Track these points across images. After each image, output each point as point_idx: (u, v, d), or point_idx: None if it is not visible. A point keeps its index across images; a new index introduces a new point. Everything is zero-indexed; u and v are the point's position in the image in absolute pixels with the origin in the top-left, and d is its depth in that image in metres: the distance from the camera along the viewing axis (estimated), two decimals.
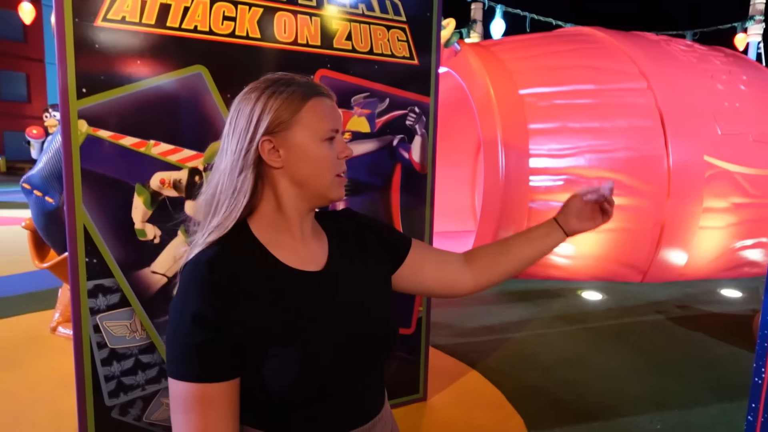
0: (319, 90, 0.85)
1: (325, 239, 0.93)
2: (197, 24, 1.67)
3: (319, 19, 1.85)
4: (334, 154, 0.84)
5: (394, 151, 2.09)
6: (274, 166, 0.82)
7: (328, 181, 0.84)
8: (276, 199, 0.85)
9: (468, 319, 3.84)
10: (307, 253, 0.88)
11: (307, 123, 0.82)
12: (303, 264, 0.86)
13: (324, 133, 0.83)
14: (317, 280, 0.86)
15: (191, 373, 0.76)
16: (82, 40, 1.52)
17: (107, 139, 1.59)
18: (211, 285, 0.77)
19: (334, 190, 0.85)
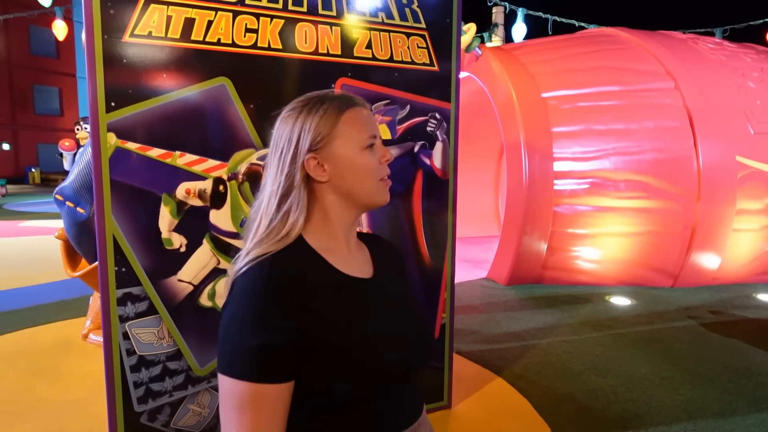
0: (352, 101, 0.89)
1: (367, 251, 0.97)
2: (220, 37, 1.70)
3: (339, 28, 1.87)
4: (375, 160, 0.88)
5: (416, 157, 2.09)
6: (321, 181, 0.87)
7: (374, 186, 0.88)
8: (324, 211, 0.89)
9: (492, 326, 3.80)
10: (355, 261, 0.92)
11: (346, 134, 0.86)
12: (354, 271, 0.90)
13: (364, 141, 0.87)
14: (369, 287, 0.91)
15: (249, 372, 0.78)
16: (111, 55, 1.57)
17: (135, 150, 1.63)
18: (275, 290, 0.81)
19: (380, 195, 0.90)
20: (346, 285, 0.88)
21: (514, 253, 4.90)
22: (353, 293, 0.88)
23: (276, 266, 0.83)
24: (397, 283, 0.98)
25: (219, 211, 1.78)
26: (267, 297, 0.80)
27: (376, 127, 0.90)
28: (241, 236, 1.80)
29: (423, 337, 0.94)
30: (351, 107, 0.88)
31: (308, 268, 0.86)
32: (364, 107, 0.90)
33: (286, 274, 0.83)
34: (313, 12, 1.83)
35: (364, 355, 0.84)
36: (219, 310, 1.80)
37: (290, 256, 0.86)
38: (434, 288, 2.23)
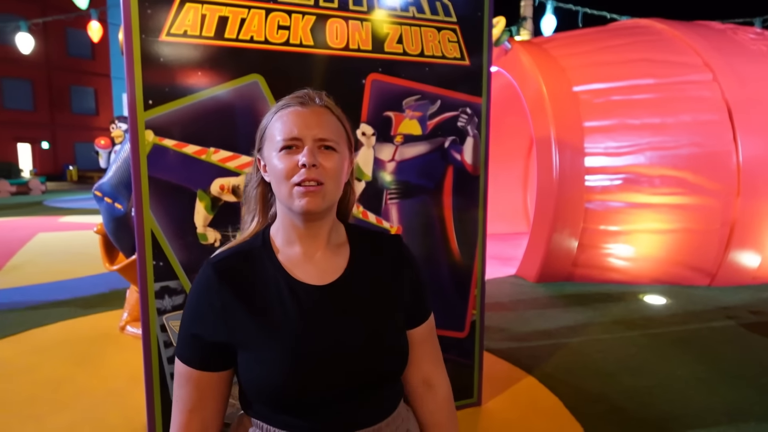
0: (289, 101, 0.88)
1: (346, 254, 0.92)
2: (253, 34, 1.72)
3: (370, 23, 1.87)
4: (289, 163, 0.83)
5: (446, 153, 2.08)
6: (268, 180, 0.89)
7: (287, 191, 0.83)
8: (279, 213, 0.90)
9: (522, 323, 3.76)
10: (313, 265, 0.89)
11: (270, 136, 0.86)
12: (309, 276, 0.88)
13: (279, 143, 0.84)
14: (317, 294, 0.87)
15: (184, 356, 0.86)
16: (148, 54, 1.61)
17: (171, 147, 1.67)
18: (211, 284, 0.84)
19: (294, 201, 0.83)
20: (292, 290, 0.86)
21: (544, 250, 4.83)
22: (293, 298, 0.85)
23: (217, 266, 0.85)
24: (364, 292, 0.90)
25: None
26: (199, 294, 0.85)
27: (308, 128, 0.84)
28: None
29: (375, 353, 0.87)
30: (285, 108, 0.87)
31: (256, 267, 0.87)
32: (302, 107, 0.86)
33: (226, 273, 0.85)
34: (344, 8, 1.83)
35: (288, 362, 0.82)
36: None
37: (246, 252, 0.88)
38: (464, 285, 2.22)
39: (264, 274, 0.86)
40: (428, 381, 0.99)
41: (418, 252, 2.08)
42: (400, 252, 0.97)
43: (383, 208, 2.00)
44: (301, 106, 0.86)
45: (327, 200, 0.85)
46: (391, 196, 2.01)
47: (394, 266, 0.95)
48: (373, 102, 1.92)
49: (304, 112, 0.86)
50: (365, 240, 0.96)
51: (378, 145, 1.96)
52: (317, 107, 0.87)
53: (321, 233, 0.90)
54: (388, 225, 2.01)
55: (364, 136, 1.92)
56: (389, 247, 0.97)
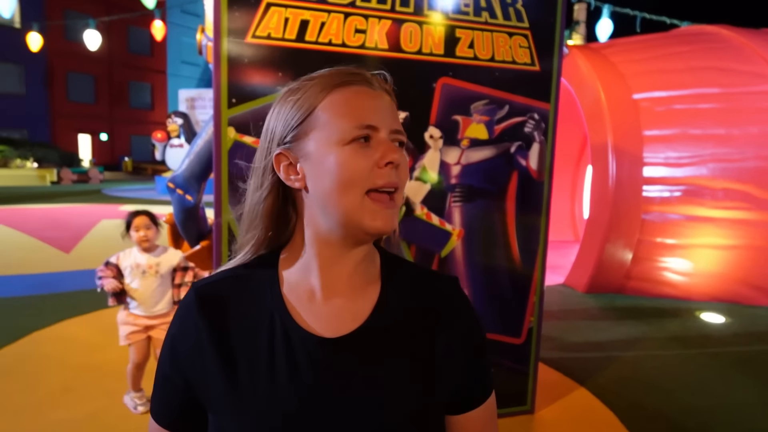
0: (345, 78, 0.63)
1: (374, 297, 0.66)
2: (332, 37, 1.78)
3: (443, 28, 1.90)
4: (366, 162, 0.59)
5: (512, 158, 2.08)
6: (294, 187, 0.63)
7: (354, 201, 0.59)
8: (302, 230, 0.65)
9: (573, 334, 3.69)
10: (328, 309, 0.65)
11: (324, 124, 0.60)
12: (319, 323, 0.64)
13: (348, 132, 0.59)
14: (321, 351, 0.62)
15: (154, 409, 0.67)
16: (234, 55, 1.69)
17: (251, 144, 1.75)
18: (189, 318, 0.64)
19: (366, 216, 0.59)
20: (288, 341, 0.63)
21: (596, 260, 4.72)
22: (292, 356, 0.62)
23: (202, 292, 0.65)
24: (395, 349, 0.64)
25: None
26: (181, 324, 0.65)
27: (382, 113, 0.61)
28: None
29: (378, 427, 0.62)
30: (341, 86, 0.62)
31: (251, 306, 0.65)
32: (367, 85, 0.63)
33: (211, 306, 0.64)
34: (419, 12, 1.87)
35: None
36: None
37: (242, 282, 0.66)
38: (523, 291, 2.21)
39: (261, 313, 0.64)
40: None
41: (479, 256, 2.09)
42: (454, 300, 0.69)
43: (447, 210, 2.02)
44: (369, 86, 0.63)
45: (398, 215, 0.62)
46: (455, 199, 2.03)
47: (442, 319, 0.67)
48: (442, 105, 1.94)
49: (375, 95, 0.62)
50: (405, 277, 0.69)
51: (444, 148, 1.98)
52: (385, 93, 0.64)
53: (353, 265, 0.65)
54: (450, 227, 2.03)
55: (432, 138, 1.95)
56: (439, 292, 0.69)
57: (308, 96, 0.62)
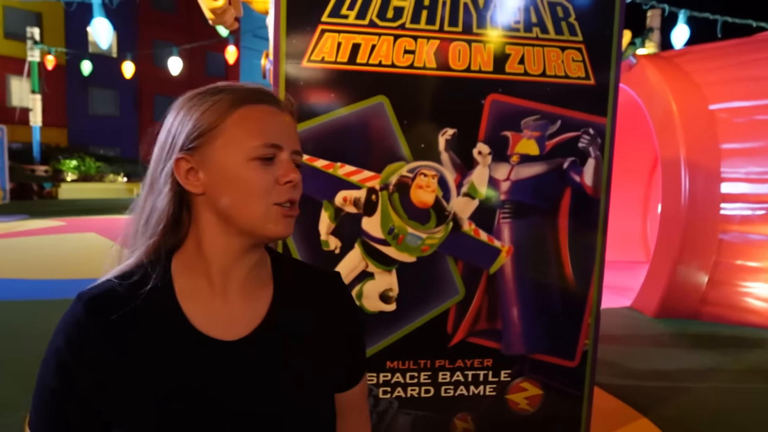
0: (257, 96, 0.67)
1: (268, 298, 0.71)
2: (381, 59, 1.85)
3: (492, 45, 1.91)
4: (269, 179, 0.65)
5: (565, 174, 2.04)
6: (194, 192, 0.66)
7: (260, 211, 0.64)
8: (198, 235, 0.67)
9: (638, 360, 3.49)
10: (227, 312, 0.68)
11: (231, 137, 0.65)
12: (216, 327, 0.67)
13: (255, 150, 0.64)
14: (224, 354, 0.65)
15: (37, 425, 0.63)
16: (291, 79, 1.80)
17: (304, 162, 1.84)
18: (81, 330, 0.63)
19: (270, 224, 0.65)
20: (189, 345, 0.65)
21: (666, 282, 4.44)
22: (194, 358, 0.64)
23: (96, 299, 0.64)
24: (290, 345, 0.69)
25: (370, 218, 1.92)
26: (70, 337, 0.62)
27: (286, 134, 0.68)
28: (389, 243, 1.92)
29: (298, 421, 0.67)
30: (252, 102, 0.66)
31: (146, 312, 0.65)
32: (274, 105, 0.68)
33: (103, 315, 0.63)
34: (468, 31, 1.90)
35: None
36: (365, 310, 1.94)
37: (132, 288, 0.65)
38: (577, 311, 2.14)
39: (156, 319, 0.65)
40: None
41: (530, 273, 2.06)
42: (338, 294, 0.78)
43: (495, 227, 2.01)
44: (276, 107, 0.68)
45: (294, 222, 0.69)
46: (504, 215, 2.02)
47: (328, 313, 0.75)
48: (491, 122, 1.95)
49: (280, 115, 0.68)
50: (294, 276, 0.76)
51: (493, 164, 1.98)
52: (290, 115, 0.71)
53: (247, 268, 0.70)
54: (499, 244, 2.02)
55: (480, 155, 1.96)
56: (324, 289, 0.77)
57: (218, 107, 0.65)
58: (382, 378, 2.00)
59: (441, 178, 1.93)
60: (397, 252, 1.94)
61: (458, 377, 2.03)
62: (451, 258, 1.98)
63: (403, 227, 1.93)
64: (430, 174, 1.92)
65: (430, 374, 2.02)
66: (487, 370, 2.04)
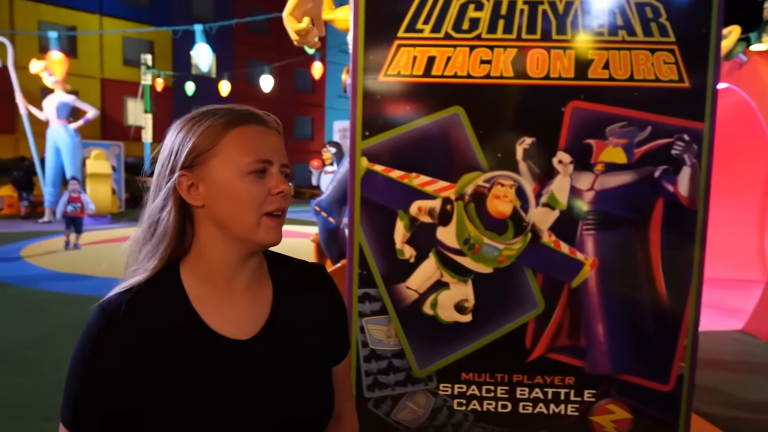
0: (249, 117, 0.76)
1: (269, 297, 0.80)
2: (457, 70, 1.86)
3: (573, 51, 1.85)
4: (262, 190, 0.73)
5: (656, 183, 1.91)
6: (195, 205, 0.74)
7: (252, 221, 0.72)
8: (200, 244, 0.75)
9: (748, 390, 3.15)
10: (236, 313, 0.76)
11: (227, 155, 0.73)
12: (229, 327, 0.74)
13: (247, 165, 0.72)
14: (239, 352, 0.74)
15: (68, 420, 0.70)
16: (368, 92, 1.86)
17: (380, 172, 1.89)
18: (103, 336, 0.69)
19: (261, 233, 0.73)
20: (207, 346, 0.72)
21: None
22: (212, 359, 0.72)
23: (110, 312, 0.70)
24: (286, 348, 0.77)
25: (445, 228, 1.92)
26: (94, 343, 0.69)
27: (274, 150, 0.75)
28: (464, 253, 1.91)
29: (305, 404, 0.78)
30: (243, 124, 0.74)
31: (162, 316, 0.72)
32: (262, 125, 0.76)
33: (123, 321, 0.70)
34: (547, 38, 1.85)
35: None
36: (440, 320, 1.94)
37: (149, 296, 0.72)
38: (671, 332, 1.98)
39: (173, 322, 0.72)
40: (337, 414, 0.89)
41: (617, 289, 1.95)
42: (324, 284, 0.90)
43: (578, 239, 1.92)
44: (264, 126, 0.77)
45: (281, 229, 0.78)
46: (587, 227, 1.93)
47: (319, 302, 0.86)
48: (572, 130, 1.88)
49: (268, 133, 0.76)
50: (287, 272, 0.85)
51: (575, 174, 1.90)
52: (276, 132, 0.78)
53: (250, 270, 0.78)
54: (582, 257, 1.93)
55: (561, 164, 1.89)
56: (313, 280, 0.88)
57: (213, 128, 0.73)
58: (456, 389, 1.98)
59: (519, 187, 1.89)
60: (473, 262, 1.92)
61: (537, 394, 1.96)
62: (529, 270, 1.93)
63: (479, 237, 1.90)
64: (507, 184, 1.89)
65: (508, 389, 1.97)
66: (569, 389, 1.95)
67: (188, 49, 12.50)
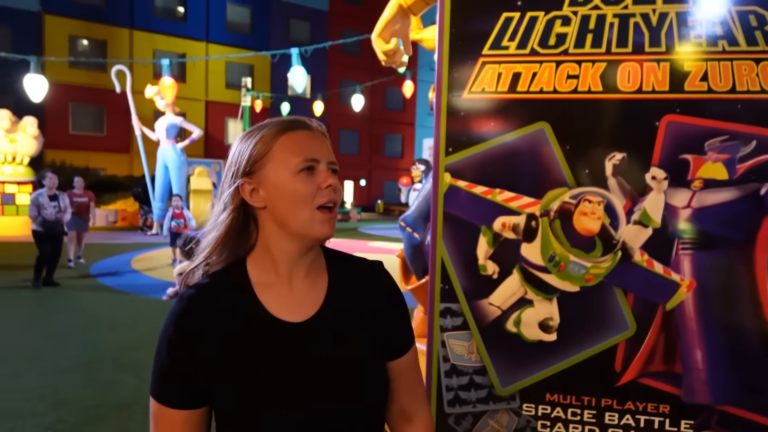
0: (296, 124, 0.87)
1: (324, 286, 0.89)
2: (543, 86, 1.86)
3: (668, 63, 1.79)
4: (312, 186, 0.82)
5: (762, 201, 1.77)
6: (258, 206, 0.84)
7: (307, 215, 0.81)
8: (264, 241, 0.85)
9: None
10: (293, 299, 0.86)
11: (279, 159, 0.83)
12: (287, 312, 0.84)
13: (297, 165, 0.82)
14: (294, 333, 0.83)
15: (155, 391, 0.83)
16: (453, 109, 1.92)
17: (463, 188, 1.93)
18: (185, 318, 0.82)
19: (315, 226, 0.82)
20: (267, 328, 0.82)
21: None
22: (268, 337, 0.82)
23: (195, 298, 0.82)
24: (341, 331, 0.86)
25: (530, 244, 1.91)
26: (177, 324, 0.81)
27: (320, 150, 0.85)
28: (549, 271, 1.89)
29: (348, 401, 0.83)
30: (291, 130, 0.85)
31: (232, 303, 0.83)
32: (308, 130, 0.87)
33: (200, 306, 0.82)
34: (639, 51, 1.80)
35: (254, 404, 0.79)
36: (523, 338, 1.92)
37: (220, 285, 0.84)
38: None
39: (240, 308, 0.83)
40: (406, 413, 0.95)
41: (718, 313, 1.82)
42: (380, 279, 0.95)
43: (673, 258, 1.83)
44: (309, 130, 0.87)
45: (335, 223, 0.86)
46: (683, 246, 1.82)
47: (374, 294, 0.92)
48: (667, 144, 1.80)
49: (314, 136, 0.87)
50: (344, 266, 0.94)
51: (670, 190, 1.82)
52: (321, 134, 0.89)
53: (307, 263, 0.88)
54: (678, 277, 1.83)
55: (655, 180, 1.82)
56: (370, 274, 0.95)
57: (266, 137, 0.85)
58: (540, 410, 1.95)
59: (608, 204, 1.84)
60: (559, 280, 1.89)
61: (628, 420, 1.87)
62: (619, 290, 1.86)
63: (565, 255, 1.87)
64: (595, 200, 1.85)
65: (595, 413, 1.90)
66: (664, 417, 1.84)
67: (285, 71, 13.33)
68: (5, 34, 21.45)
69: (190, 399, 0.82)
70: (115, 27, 24.47)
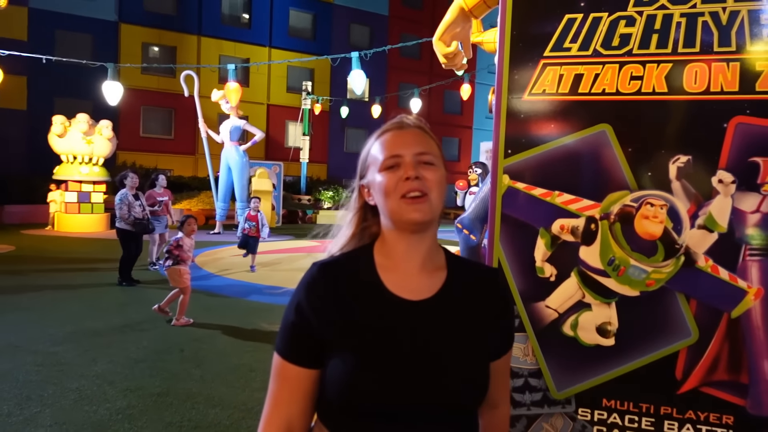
0: (388, 127, 0.99)
1: (443, 277, 0.98)
2: (605, 87, 1.85)
3: (738, 63, 1.73)
4: (396, 179, 0.92)
5: None
6: (372, 204, 1.00)
7: (395, 206, 0.92)
8: (382, 230, 1.00)
9: None
10: (411, 283, 0.95)
11: (373, 161, 0.98)
12: (404, 291, 0.94)
13: (383, 163, 0.95)
14: (409, 310, 0.93)
15: (279, 347, 0.94)
16: (512, 111, 1.94)
17: (522, 190, 1.95)
18: (314, 283, 0.94)
19: (403, 213, 0.91)
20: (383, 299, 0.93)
21: None
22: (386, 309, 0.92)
23: (322, 268, 0.96)
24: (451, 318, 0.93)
25: (589, 247, 1.90)
26: (303, 289, 0.94)
27: (406, 144, 0.95)
28: (608, 274, 1.87)
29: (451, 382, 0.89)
30: (384, 133, 0.99)
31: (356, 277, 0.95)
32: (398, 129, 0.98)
33: (329, 275, 0.94)
34: (707, 50, 1.76)
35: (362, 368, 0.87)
36: (580, 342, 1.91)
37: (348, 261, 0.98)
38: None
39: (362, 282, 0.95)
40: (493, 401, 1.05)
41: None
42: (496, 284, 1.04)
43: (740, 265, 1.76)
44: (399, 129, 0.99)
45: (433, 210, 0.93)
46: (752, 252, 1.76)
47: (488, 297, 1.00)
48: (735, 147, 1.75)
49: (402, 133, 0.98)
50: (463, 268, 1.02)
51: (738, 194, 1.76)
52: (413, 128, 0.99)
53: (421, 250, 0.97)
54: (744, 284, 1.76)
55: (721, 183, 1.77)
56: (487, 279, 1.03)
57: (368, 144, 1.02)
58: (597, 415, 1.93)
59: (671, 208, 1.80)
60: (618, 284, 1.87)
61: (689, 430, 1.82)
62: (682, 295, 1.81)
63: (625, 259, 1.85)
64: (657, 204, 1.82)
65: (653, 421, 1.86)
66: (727, 429, 1.78)
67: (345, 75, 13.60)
68: (86, 42, 23.11)
69: (309, 357, 0.93)
70: (184, 34, 25.84)
